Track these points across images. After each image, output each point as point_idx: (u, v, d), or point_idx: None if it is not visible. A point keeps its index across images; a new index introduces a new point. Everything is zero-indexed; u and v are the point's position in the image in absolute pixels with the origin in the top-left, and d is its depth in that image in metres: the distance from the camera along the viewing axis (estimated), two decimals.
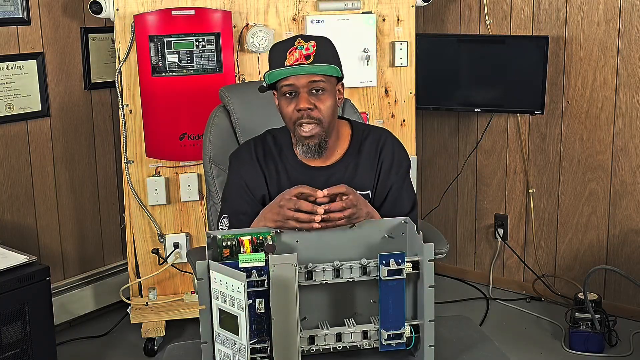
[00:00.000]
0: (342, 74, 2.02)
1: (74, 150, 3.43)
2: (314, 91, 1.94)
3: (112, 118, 3.54)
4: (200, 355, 1.60)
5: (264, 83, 2.02)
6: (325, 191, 1.76)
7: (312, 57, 1.92)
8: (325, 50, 1.96)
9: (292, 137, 2.06)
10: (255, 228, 1.79)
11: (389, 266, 1.62)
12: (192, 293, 3.22)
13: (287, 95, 1.96)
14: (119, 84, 3.05)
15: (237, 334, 1.51)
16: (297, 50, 1.92)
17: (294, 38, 1.95)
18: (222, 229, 2.02)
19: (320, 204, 1.74)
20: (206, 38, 3.01)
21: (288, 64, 1.92)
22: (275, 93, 2.03)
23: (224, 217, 2.04)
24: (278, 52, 1.96)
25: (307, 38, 1.95)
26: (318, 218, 1.71)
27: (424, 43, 3.53)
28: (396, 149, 2.09)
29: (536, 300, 3.74)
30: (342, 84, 2.05)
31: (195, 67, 3.02)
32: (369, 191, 2.06)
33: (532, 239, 3.78)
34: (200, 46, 3.01)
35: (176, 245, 3.19)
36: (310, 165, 2.04)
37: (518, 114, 3.70)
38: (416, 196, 2.14)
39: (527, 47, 3.53)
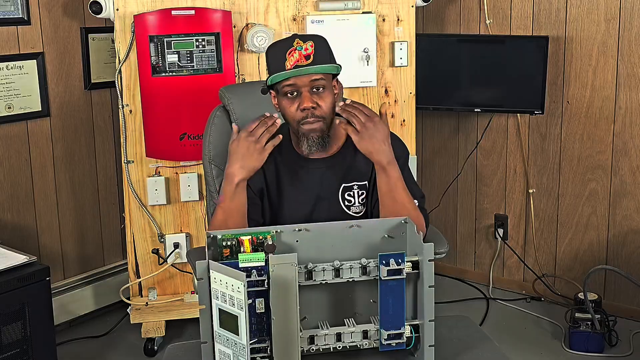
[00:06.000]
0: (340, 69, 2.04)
1: (74, 150, 3.43)
2: (314, 89, 1.97)
3: (112, 118, 3.54)
4: (200, 355, 1.60)
5: (264, 85, 2.03)
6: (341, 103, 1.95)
7: (311, 57, 1.94)
8: (323, 49, 1.98)
9: (291, 136, 2.09)
10: (255, 228, 1.79)
11: (389, 266, 1.62)
12: (192, 293, 3.22)
13: (289, 95, 1.98)
14: (119, 84, 3.05)
15: (237, 334, 1.51)
16: (296, 51, 1.94)
17: (292, 38, 1.96)
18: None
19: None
20: (206, 38, 3.01)
21: (289, 65, 1.94)
22: (274, 93, 2.04)
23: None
24: (277, 53, 1.97)
25: (304, 38, 1.97)
26: (279, 121, 1.95)
27: (424, 43, 3.53)
28: (393, 142, 2.10)
29: (536, 300, 3.73)
30: (337, 79, 2.06)
31: (195, 67, 3.02)
32: (366, 181, 2.09)
33: (532, 239, 3.78)
34: (200, 46, 3.01)
35: (176, 245, 3.19)
36: (309, 157, 2.07)
37: (518, 114, 3.69)
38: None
39: (527, 47, 3.53)
